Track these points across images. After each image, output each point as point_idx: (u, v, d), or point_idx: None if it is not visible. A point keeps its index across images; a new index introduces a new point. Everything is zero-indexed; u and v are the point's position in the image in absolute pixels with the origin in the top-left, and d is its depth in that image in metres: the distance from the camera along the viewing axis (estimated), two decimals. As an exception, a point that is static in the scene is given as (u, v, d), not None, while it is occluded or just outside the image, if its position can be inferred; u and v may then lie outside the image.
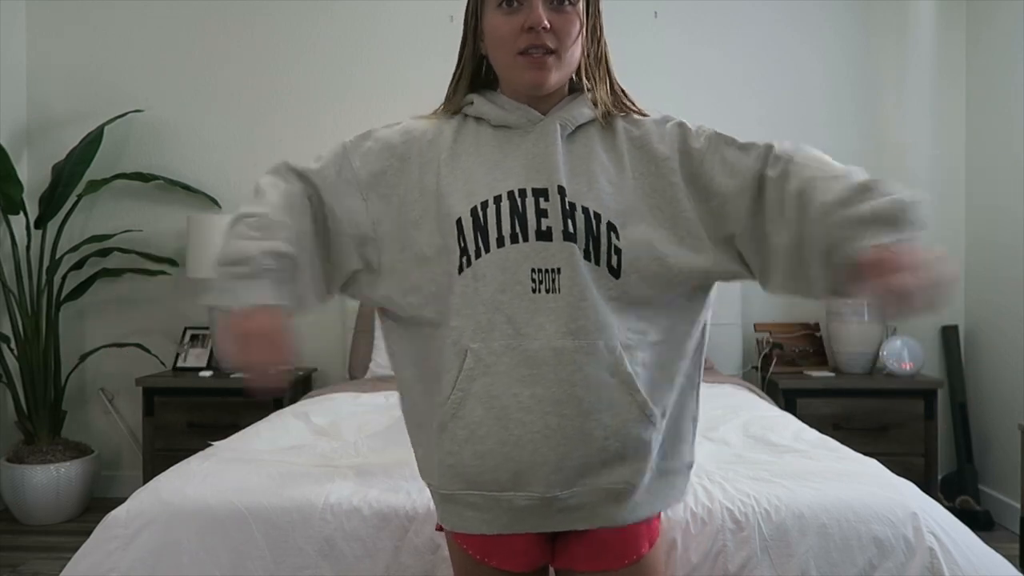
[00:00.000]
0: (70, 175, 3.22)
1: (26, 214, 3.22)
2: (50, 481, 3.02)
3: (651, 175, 1.08)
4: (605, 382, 1.01)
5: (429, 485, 1.12)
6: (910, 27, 3.36)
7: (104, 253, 3.33)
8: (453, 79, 1.18)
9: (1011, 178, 3.02)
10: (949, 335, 3.25)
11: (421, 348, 1.11)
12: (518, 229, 1.03)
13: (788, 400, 2.95)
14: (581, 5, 1.06)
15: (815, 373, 3.10)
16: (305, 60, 3.48)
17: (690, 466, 1.13)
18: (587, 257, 1.02)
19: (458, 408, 1.03)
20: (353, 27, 3.47)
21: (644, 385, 1.03)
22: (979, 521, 2.90)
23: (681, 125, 1.11)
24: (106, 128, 3.29)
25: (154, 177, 3.35)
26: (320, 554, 1.47)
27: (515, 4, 1.04)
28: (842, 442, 1.98)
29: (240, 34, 3.49)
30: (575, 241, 1.02)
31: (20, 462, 3.05)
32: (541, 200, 1.03)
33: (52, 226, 3.29)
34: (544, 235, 1.02)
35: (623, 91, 1.14)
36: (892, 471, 1.69)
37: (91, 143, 3.24)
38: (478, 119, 1.13)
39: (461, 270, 1.05)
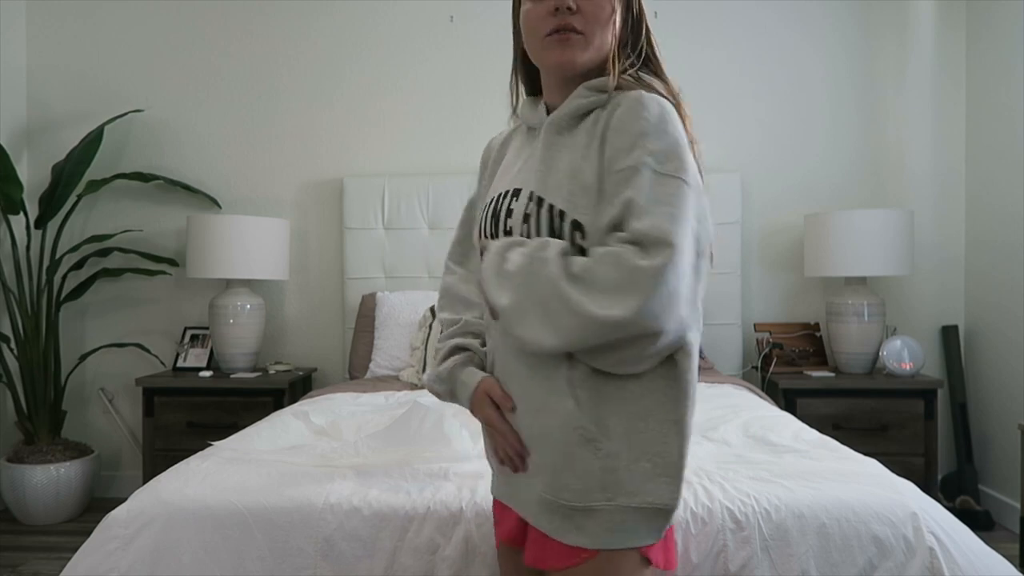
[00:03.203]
0: (70, 175, 3.22)
1: (26, 214, 3.22)
2: (50, 481, 3.02)
3: (610, 168, 0.99)
4: (545, 383, 0.99)
5: None
6: (910, 27, 3.36)
7: (104, 253, 3.33)
8: (510, 85, 1.22)
9: (1011, 178, 3.02)
10: (949, 335, 3.25)
11: None
12: (491, 229, 1.09)
13: (788, 400, 2.95)
14: None
15: (815, 373, 3.09)
16: (305, 60, 3.48)
17: (659, 511, 0.97)
18: None
19: None
20: (353, 27, 3.47)
21: (586, 394, 0.97)
22: (979, 521, 2.91)
23: (631, 131, 0.97)
24: (106, 128, 3.29)
25: (154, 177, 3.35)
26: (320, 554, 1.47)
27: None
28: (842, 442, 1.98)
29: (240, 34, 3.49)
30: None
31: (20, 462, 3.05)
32: (513, 200, 1.07)
33: (52, 226, 3.29)
34: (508, 234, 1.06)
35: (658, 72, 1.09)
36: (892, 471, 1.69)
37: (91, 143, 3.24)
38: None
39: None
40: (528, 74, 1.18)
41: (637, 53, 1.09)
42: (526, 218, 1.02)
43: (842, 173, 3.37)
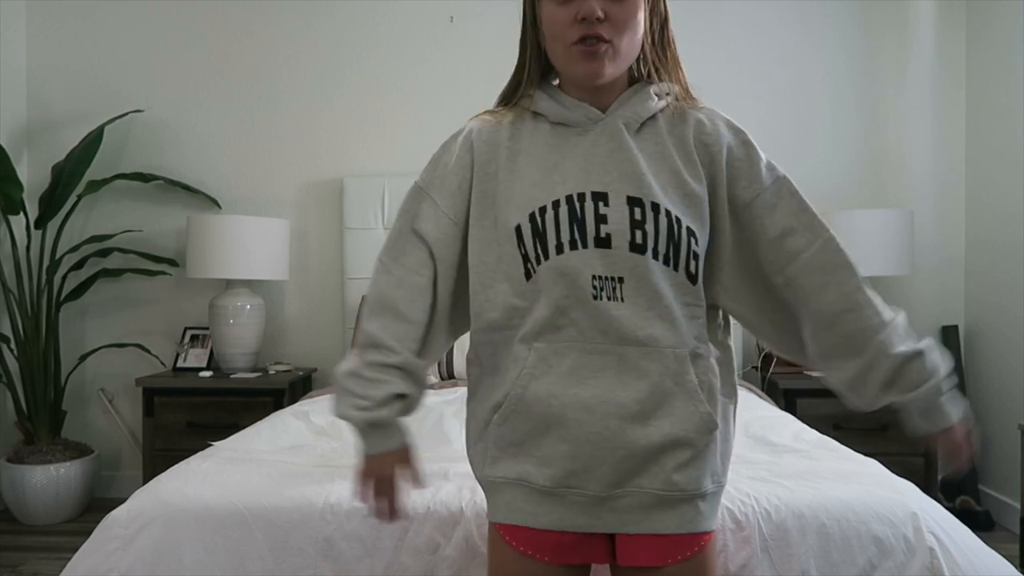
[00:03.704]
0: (70, 175, 3.22)
1: (26, 214, 3.22)
2: (50, 481, 3.02)
3: (717, 182, 1.07)
4: (669, 390, 1.01)
5: (480, 478, 1.13)
6: (910, 27, 3.36)
7: (104, 253, 3.33)
8: (517, 73, 1.13)
9: (1011, 178, 3.02)
10: (949, 335, 3.25)
11: (487, 347, 1.11)
12: (576, 235, 1.01)
13: (788, 400, 2.95)
14: None
15: (815, 373, 3.09)
16: (305, 60, 3.48)
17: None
18: (667, 263, 1.01)
19: (515, 406, 1.04)
20: (353, 27, 3.47)
21: (707, 395, 1.04)
22: (979, 521, 2.91)
23: (748, 145, 1.09)
24: (106, 128, 3.29)
25: (154, 177, 3.35)
26: (320, 554, 1.47)
27: None
28: (842, 442, 1.98)
29: (239, 34, 3.49)
30: (646, 252, 1.00)
31: (20, 462, 3.05)
32: (600, 205, 1.01)
33: (52, 226, 3.29)
34: (603, 242, 1.01)
35: (682, 79, 1.11)
36: (892, 471, 1.69)
37: (91, 143, 3.24)
38: (536, 114, 1.11)
39: (529, 276, 1.04)
40: (537, 65, 1.11)
41: (671, 59, 1.10)
42: (637, 224, 1.01)
43: (842, 173, 3.37)
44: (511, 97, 1.14)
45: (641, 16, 1.03)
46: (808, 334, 1.08)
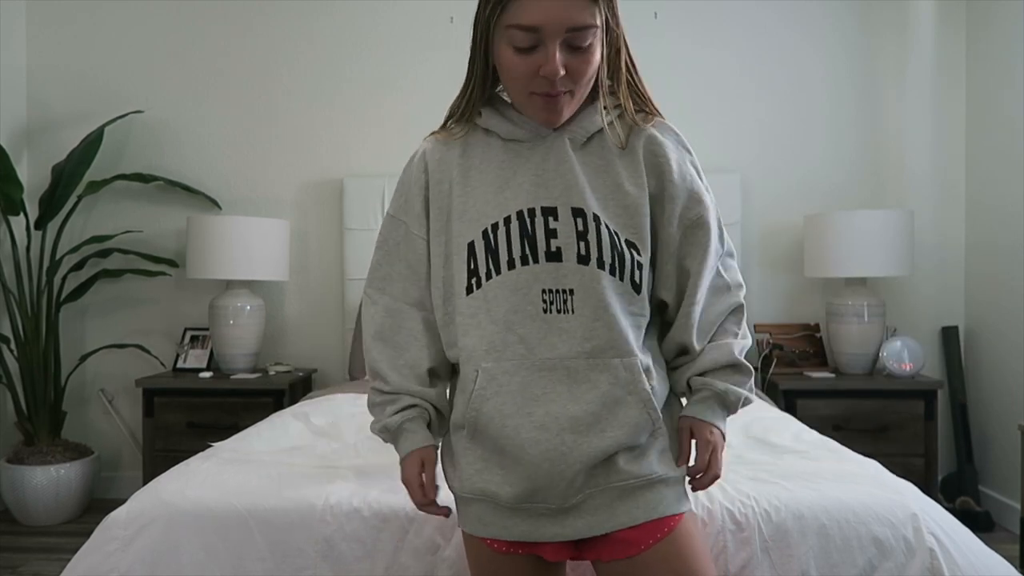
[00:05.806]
0: (70, 176, 3.22)
1: (26, 215, 3.22)
2: (50, 482, 3.02)
3: (666, 196, 1.09)
4: (619, 399, 1.03)
5: (451, 489, 1.15)
6: (910, 27, 3.36)
7: (104, 254, 3.33)
8: (464, 94, 1.15)
9: (1011, 178, 3.02)
10: (949, 335, 3.25)
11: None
12: (527, 251, 1.03)
13: (788, 401, 2.95)
14: (599, 37, 1.02)
15: (815, 374, 3.09)
16: (305, 60, 3.48)
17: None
18: (613, 273, 1.03)
19: (474, 427, 1.06)
20: (353, 27, 3.47)
21: (658, 401, 1.07)
22: (979, 522, 2.91)
23: (693, 164, 1.12)
24: (106, 129, 3.29)
25: (154, 178, 3.35)
26: (320, 555, 1.47)
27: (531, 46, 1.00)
28: (842, 443, 1.98)
29: (240, 34, 3.49)
30: (589, 263, 1.02)
31: (20, 463, 3.05)
32: (550, 219, 1.04)
33: (52, 227, 3.29)
34: (554, 256, 1.03)
35: (642, 94, 1.11)
36: (892, 472, 1.69)
37: (91, 144, 3.24)
38: (487, 130, 1.12)
39: (470, 291, 1.06)
40: (483, 84, 1.13)
41: (625, 80, 1.09)
42: (581, 235, 1.03)
43: (842, 173, 3.37)
44: (461, 113, 1.15)
45: (598, 57, 1.03)
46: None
